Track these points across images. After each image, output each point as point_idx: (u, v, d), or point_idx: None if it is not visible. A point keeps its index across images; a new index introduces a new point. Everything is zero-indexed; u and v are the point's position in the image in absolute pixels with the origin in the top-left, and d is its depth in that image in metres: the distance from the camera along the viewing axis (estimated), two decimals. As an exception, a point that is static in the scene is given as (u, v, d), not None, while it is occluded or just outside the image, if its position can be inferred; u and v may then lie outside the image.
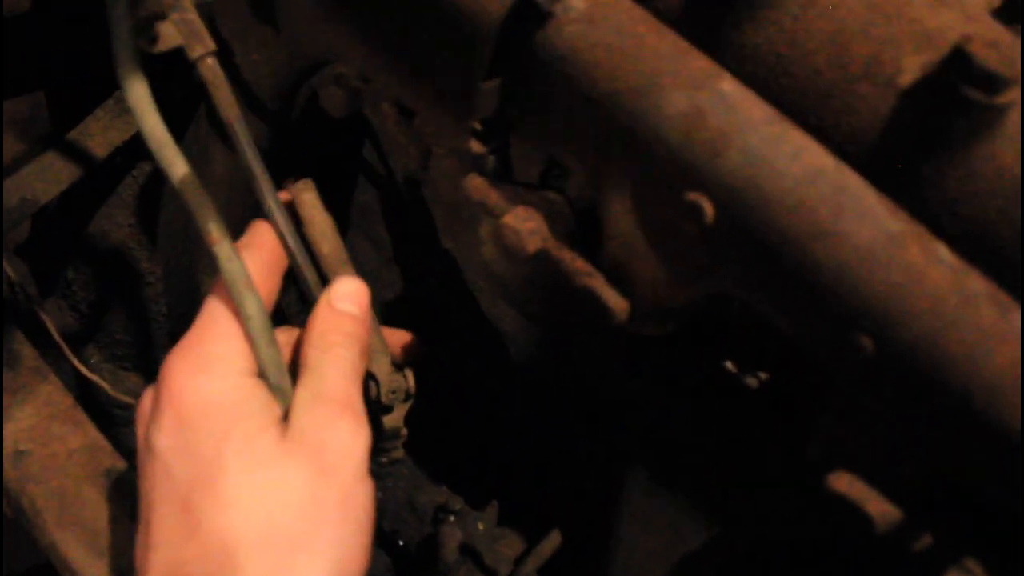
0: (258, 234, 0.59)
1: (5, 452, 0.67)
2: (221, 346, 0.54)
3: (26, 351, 0.73)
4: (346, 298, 0.58)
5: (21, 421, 0.69)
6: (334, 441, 0.51)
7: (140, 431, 0.53)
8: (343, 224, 0.83)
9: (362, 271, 0.65)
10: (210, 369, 0.53)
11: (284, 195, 0.63)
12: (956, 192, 0.49)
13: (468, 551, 0.70)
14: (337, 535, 0.49)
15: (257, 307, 0.55)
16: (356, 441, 0.52)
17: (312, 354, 0.56)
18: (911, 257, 0.45)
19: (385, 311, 0.69)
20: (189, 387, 0.52)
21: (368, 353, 0.59)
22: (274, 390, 0.55)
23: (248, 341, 0.55)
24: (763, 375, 0.61)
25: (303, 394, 0.54)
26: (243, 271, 0.56)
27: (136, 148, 0.83)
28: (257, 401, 0.53)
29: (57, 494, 0.66)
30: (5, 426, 0.68)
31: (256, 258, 0.58)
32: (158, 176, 0.85)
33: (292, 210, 0.65)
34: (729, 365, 0.61)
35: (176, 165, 0.58)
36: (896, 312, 0.45)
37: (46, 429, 0.69)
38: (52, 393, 0.71)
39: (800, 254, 0.46)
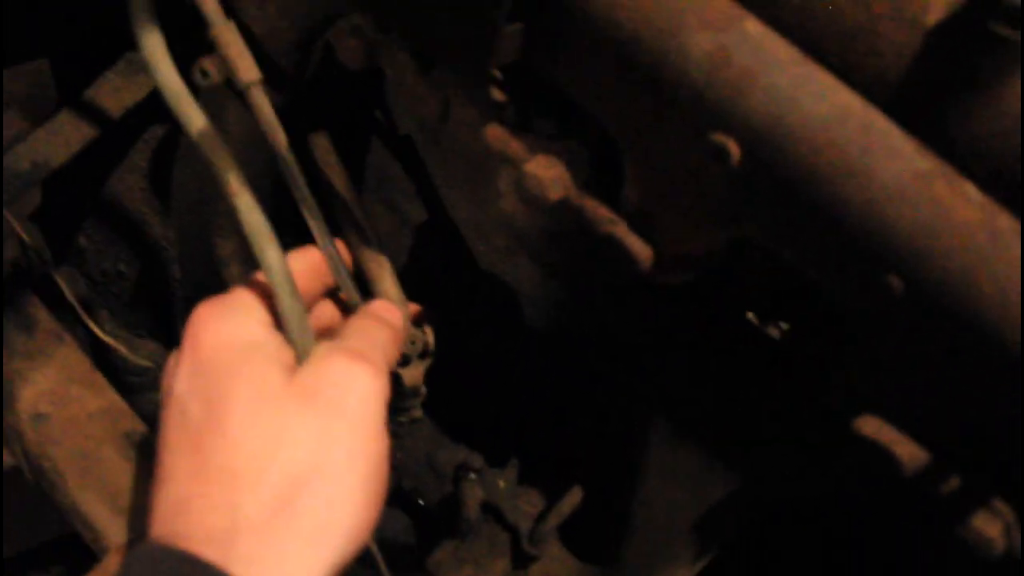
0: (308, 251, 0.60)
1: (24, 415, 0.67)
2: (245, 298, 0.55)
3: (42, 315, 0.73)
4: (385, 312, 0.60)
5: (40, 384, 0.69)
6: (348, 387, 0.51)
7: (166, 382, 0.54)
8: (357, 187, 0.82)
9: (378, 235, 0.65)
10: (230, 317, 0.53)
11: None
12: (984, 131, 0.48)
13: (489, 508, 0.70)
14: (341, 479, 0.49)
15: (278, 258, 0.55)
16: (371, 390, 0.52)
17: (344, 330, 0.57)
18: (939, 194, 0.45)
19: (402, 275, 0.68)
20: (207, 332, 0.53)
21: (398, 349, 0.60)
22: (294, 343, 0.55)
23: (270, 290, 0.55)
24: (784, 325, 0.61)
25: (323, 346, 0.55)
26: (264, 222, 0.56)
27: (148, 112, 0.83)
28: (269, 345, 0.53)
29: (77, 455, 0.66)
30: (24, 390, 0.68)
31: (299, 259, 0.59)
32: (170, 140, 0.85)
33: (311, 159, 0.66)
34: (751, 316, 0.61)
35: (193, 117, 0.58)
36: (925, 250, 0.45)
37: (65, 392, 0.69)
38: (69, 356, 0.71)
39: (828, 194, 0.46)
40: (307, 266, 0.59)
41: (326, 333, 0.60)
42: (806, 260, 0.49)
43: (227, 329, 0.53)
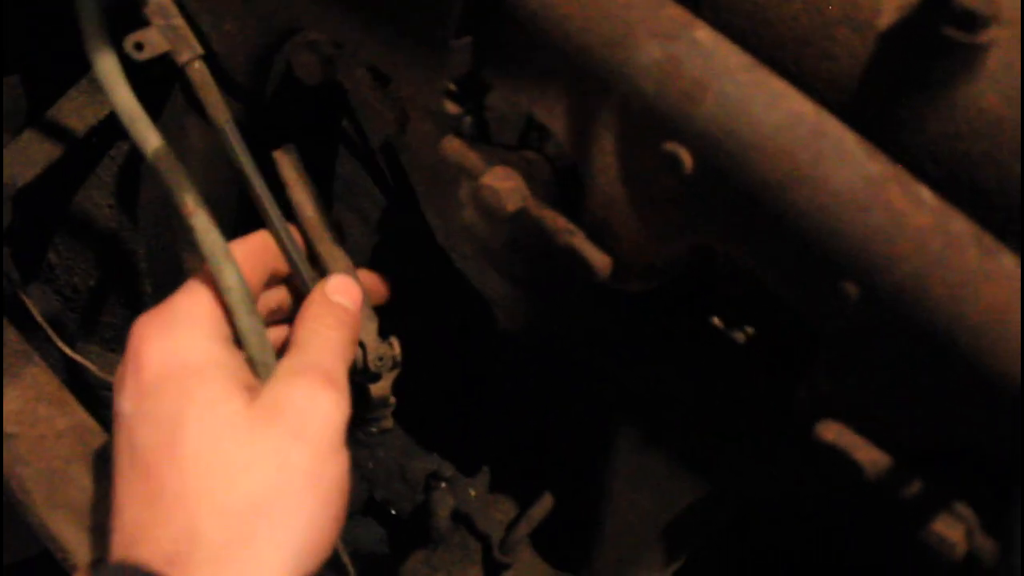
0: (253, 236, 0.59)
1: (-8, 435, 0.67)
2: (190, 310, 0.53)
3: (10, 335, 0.72)
4: (340, 292, 0.58)
5: (8, 404, 0.69)
6: (310, 410, 0.50)
7: (114, 402, 0.52)
8: (326, 197, 0.82)
9: (348, 244, 0.65)
10: (175, 332, 0.52)
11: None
12: (938, 135, 0.48)
13: (460, 517, 0.70)
14: (303, 504, 0.48)
15: (236, 278, 0.55)
16: (334, 412, 0.51)
17: (301, 333, 0.56)
18: (893, 200, 0.45)
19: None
20: (152, 350, 0.51)
21: (356, 343, 0.59)
22: (255, 363, 0.55)
23: (227, 312, 0.54)
24: (749, 329, 0.60)
25: (285, 364, 0.54)
26: (221, 242, 0.55)
27: (113, 127, 0.82)
28: (224, 366, 0.51)
29: (45, 475, 0.66)
30: (-9, 410, 0.67)
31: (243, 247, 0.57)
32: (137, 155, 0.84)
33: (275, 176, 0.65)
34: (716, 320, 0.61)
35: (149, 138, 0.57)
36: (879, 256, 0.44)
37: (33, 411, 0.69)
38: (38, 375, 0.71)
39: (780, 201, 0.45)
40: (253, 249, 0.57)
41: (275, 315, 0.59)
42: (762, 268, 0.49)
43: (171, 346, 0.51)
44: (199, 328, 0.52)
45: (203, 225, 0.55)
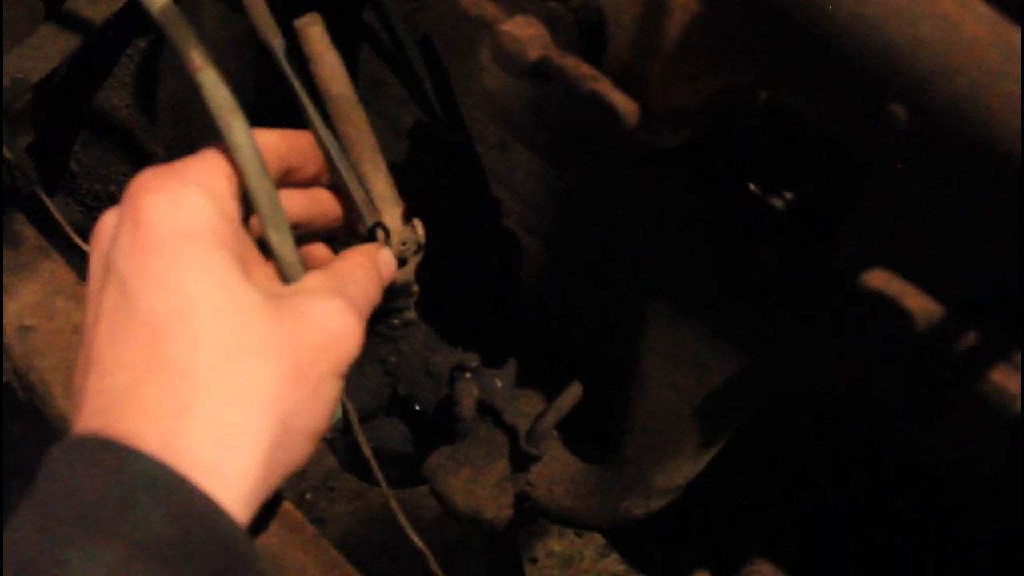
0: (276, 130, 0.55)
1: (10, 328, 0.65)
2: (201, 172, 0.48)
3: (28, 231, 0.71)
4: (387, 264, 0.58)
5: (25, 298, 0.67)
6: (336, 329, 0.48)
7: (99, 248, 0.48)
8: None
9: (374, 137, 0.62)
10: (182, 190, 0.47)
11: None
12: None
13: (486, 409, 0.67)
14: (308, 410, 0.46)
15: (246, 135, 0.52)
16: (352, 338, 0.49)
17: (346, 265, 0.54)
18: (945, 9, 0.41)
19: (398, 185, 0.65)
20: (155, 204, 0.46)
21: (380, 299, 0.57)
22: (265, 222, 0.52)
23: (237, 172, 0.51)
24: (788, 195, 0.57)
25: (321, 280, 0.51)
26: (230, 97, 0.53)
27: (128, 22, 0.80)
28: (237, 245, 0.47)
29: (62, 367, 0.65)
30: (9, 303, 0.66)
31: (276, 135, 0.54)
32: (154, 54, 0.83)
33: (299, 51, 0.62)
34: (753, 187, 0.57)
35: (155, -4, 0.55)
36: (930, 70, 0.41)
37: (50, 305, 0.67)
38: (55, 270, 0.69)
39: (818, 15, 0.42)
40: (272, 140, 0.54)
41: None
42: (801, 99, 0.45)
43: (178, 206, 0.46)
44: (211, 194, 0.48)
45: (211, 80, 0.53)
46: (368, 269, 0.55)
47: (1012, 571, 0.65)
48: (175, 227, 0.46)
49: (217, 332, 0.45)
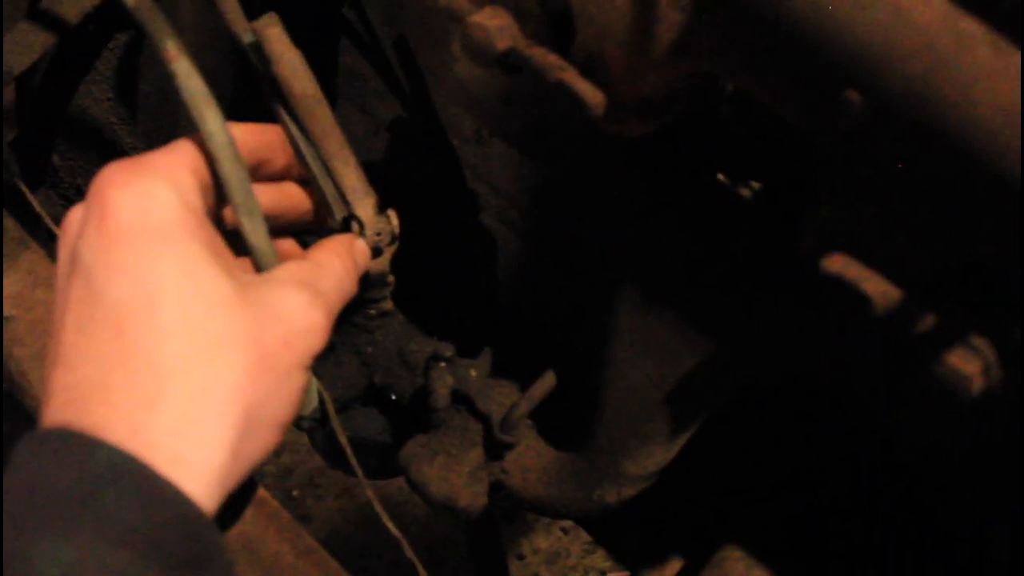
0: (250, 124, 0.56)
1: (-11, 318, 0.66)
2: (169, 164, 0.49)
3: (8, 223, 0.72)
4: (362, 254, 0.59)
5: (6, 288, 0.68)
6: (301, 324, 0.48)
7: (66, 242, 0.48)
8: (330, 93, 0.80)
9: (352, 140, 0.62)
10: (148, 182, 0.47)
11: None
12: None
13: (460, 398, 0.68)
14: (273, 400, 0.46)
15: (219, 123, 0.52)
16: (318, 332, 0.49)
17: (320, 254, 0.54)
18: (897, -4, 0.42)
19: (374, 178, 0.66)
20: (121, 196, 0.46)
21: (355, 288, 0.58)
22: (238, 209, 0.53)
23: (209, 161, 0.52)
24: (755, 184, 0.58)
25: (293, 271, 0.51)
26: (203, 87, 0.53)
27: (109, 15, 0.81)
28: (205, 239, 0.47)
29: (41, 357, 0.65)
30: (-11, 294, 0.67)
31: (247, 129, 0.54)
32: (135, 47, 0.83)
33: (260, 51, 0.63)
34: (720, 176, 0.58)
35: (128, -15, 0.55)
36: (883, 56, 0.41)
37: (30, 295, 0.68)
38: (35, 262, 0.70)
39: (774, 3, 0.43)
40: (255, 137, 0.55)
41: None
42: (759, 86, 0.46)
43: (143, 197, 0.46)
44: (176, 187, 0.48)
45: (184, 70, 0.53)
46: (343, 258, 0.55)
47: (990, 567, 0.66)
48: (140, 220, 0.46)
49: (183, 323, 0.45)
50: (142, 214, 0.46)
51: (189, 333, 0.45)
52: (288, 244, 0.60)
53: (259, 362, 0.46)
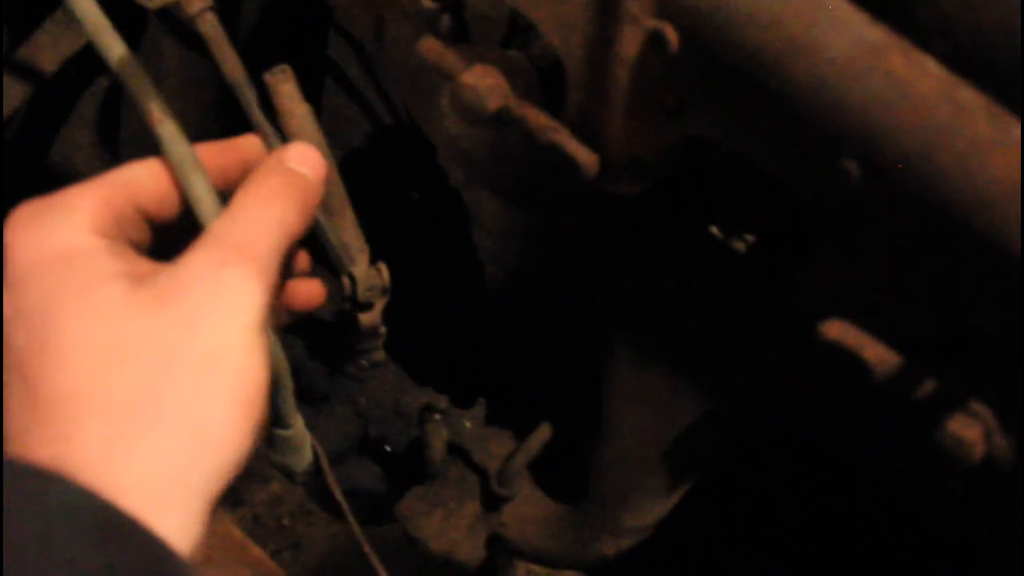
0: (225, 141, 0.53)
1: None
2: (75, 200, 0.45)
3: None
4: (301, 161, 0.49)
5: None
6: (211, 291, 0.42)
7: None
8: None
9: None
10: (49, 219, 0.44)
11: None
12: (952, 6, 0.44)
13: (456, 450, 0.67)
14: (198, 395, 0.41)
15: (206, 188, 0.52)
16: (243, 292, 0.43)
17: (235, 197, 0.47)
18: (894, 67, 0.41)
19: (364, 219, 0.65)
20: (22, 238, 0.43)
21: (310, 219, 0.50)
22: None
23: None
24: (750, 238, 0.57)
25: (202, 238, 0.45)
26: (190, 152, 0.52)
27: (90, 61, 0.80)
28: (105, 253, 0.44)
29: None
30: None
31: (210, 148, 0.53)
32: (116, 91, 0.82)
33: (270, 103, 0.62)
34: (714, 230, 0.58)
35: (113, 47, 0.54)
36: (881, 127, 0.41)
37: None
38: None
39: (773, 74, 0.42)
40: (221, 149, 0.51)
41: None
42: (756, 151, 0.46)
43: (44, 234, 0.43)
44: (80, 217, 0.44)
45: (170, 134, 0.52)
46: (266, 188, 0.47)
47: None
48: (37, 256, 0.43)
49: (76, 348, 0.42)
50: (38, 250, 0.43)
51: (83, 353, 0.42)
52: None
53: (165, 359, 0.41)
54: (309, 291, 0.56)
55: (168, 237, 0.49)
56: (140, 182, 0.49)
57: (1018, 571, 0.56)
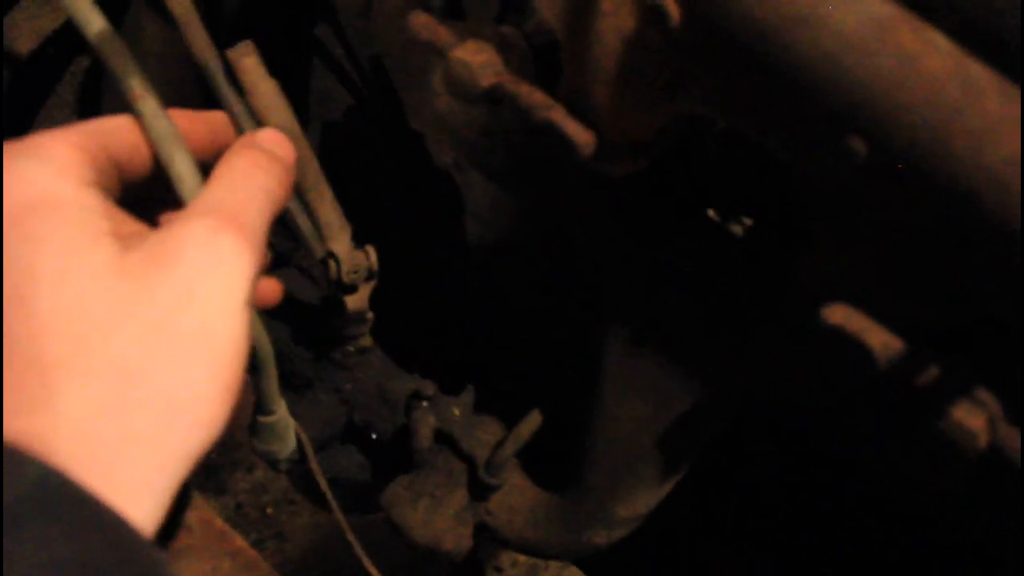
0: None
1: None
2: (50, 144, 0.42)
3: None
4: (272, 143, 0.49)
5: None
6: (204, 258, 0.41)
7: None
8: (302, 114, 0.78)
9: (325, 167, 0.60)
10: (21, 163, 0.41)
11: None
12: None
13: (443, 438, 0.66)
14: (188, 370, 0.40)
15: (188, 165, 0.50)
16: (235, 261, 0.42)
17: (215, 171, 0.46)
18: (903, 43, 0.40)
19: (347, 203, 0.64)
20: (8, 177, 0.40)
21: (289, 197, 0.49)
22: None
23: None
24: (747, 221, 0.56)
25: (187, 209, 0.44)
26: (171, 127, 0.50)
27: (69, 39, 0.78)
28: (89, 209, 0.42)
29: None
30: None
31: (190, 117, 0.51)
32: (97, 71, 0.80)
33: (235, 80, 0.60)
34: (711, 213, 0.56)
35: (92, 20, 0.52)
36: (888, 105, 0.40)
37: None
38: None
39: (777, 47, 0.41)
40: (201, 121, 0.49)
41: None
42: (758, 130, 0.44)
43: (23, 181, 0.41)
44: (59, 163, 0.42)
45: (151, 110, 0.51)
46: (245, 160, 0.47)
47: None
48: (16, 202, 0.41)
49: (58, 309, 0.40)
50: (15, 203, 0.40)
51: (67, 318, 0.40)
52: None
53: (150, 332, 0.40)
54: (264, 289, 0.53)
55: (131, 198, 0.46)
56: (113, 132, 0.47)
57: (1018, 571, 0.55)
